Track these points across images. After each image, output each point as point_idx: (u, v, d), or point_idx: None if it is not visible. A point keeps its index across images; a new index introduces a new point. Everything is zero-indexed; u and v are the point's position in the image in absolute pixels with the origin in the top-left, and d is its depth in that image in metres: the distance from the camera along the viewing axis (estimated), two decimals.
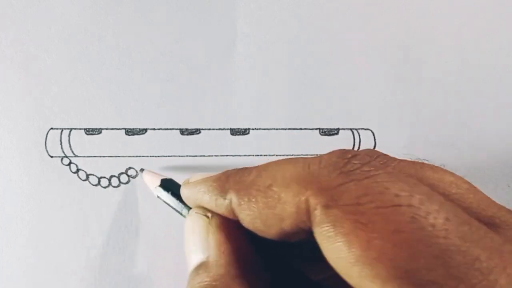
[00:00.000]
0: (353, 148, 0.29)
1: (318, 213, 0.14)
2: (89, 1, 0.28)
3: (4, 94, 0.28)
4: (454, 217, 0.13)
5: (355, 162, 0.15)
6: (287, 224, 0.16)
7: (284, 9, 0.29)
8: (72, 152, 0.28)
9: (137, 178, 0.29)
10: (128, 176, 0.28)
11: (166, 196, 0.23)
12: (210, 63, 0.29)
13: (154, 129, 0.29)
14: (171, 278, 0.29)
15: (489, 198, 0.16)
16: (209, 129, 0.29)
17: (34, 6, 0.28)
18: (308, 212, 0.15)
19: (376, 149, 0.29)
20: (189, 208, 0.21)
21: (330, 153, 0.16)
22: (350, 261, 0.13)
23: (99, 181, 0.28)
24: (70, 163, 0.28)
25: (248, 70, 0.29)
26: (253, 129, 0.29)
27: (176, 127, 0.29)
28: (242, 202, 0.17)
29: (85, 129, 0.28)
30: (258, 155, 0.29)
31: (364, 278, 0.13)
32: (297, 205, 0.15)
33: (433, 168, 0.16)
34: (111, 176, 0.28)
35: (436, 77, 0.30)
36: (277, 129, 0.29)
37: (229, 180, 0.18)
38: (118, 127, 0.28)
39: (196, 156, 0.29)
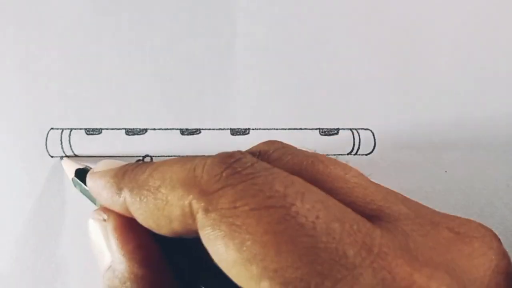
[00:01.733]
0: (353, 148, 0.29)
1: (200, 217, 0.15)
2: (89, 1, 0.28)
3: (4, 94, 0.28)
4: (327, 215, 0.14)
5: (236, 166, 0.15)
6: (176, 226, 0.16)
7: (284, 9, 0.29)
8: (72, 152, 0.28)
9: None
10: None
11: (80, 187, 0.23)
12: (210, 62, 0.29)
13: (154, 129, 0.29)
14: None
15: (381, 190, 0.17)
16: (209, 129, 0.29)
17: (34, 6, 0.28)
18: (192, 216, 0.15)
19: (375, 149, 0.29)
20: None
21: (214, 156, 0.17)
22: (229, 263, 0.14)
23: None
24: None
25: (248, 70, 0.29)
26: (253, 129, 0.29)
27: (176, 127, 0.29)
28: (135, 202, 0.17)
29: (85, 129, 0.28)
30: None
31: (243, 279, 0.14)
32: (182, 208, 0.15)
33: (324, 161, 0.17)
34: None
35: (436, 77, 0.30)
36: (277, 129, 0.29)
37: (125, 177, 0.18)
38: (118, 127, 0.28)
39: (196, 156, 0.29)
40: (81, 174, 0.23)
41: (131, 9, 0.28)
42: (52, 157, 0.28)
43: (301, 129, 0.29)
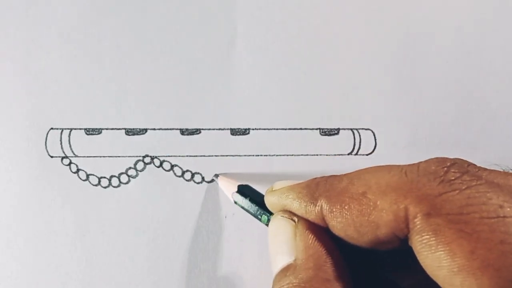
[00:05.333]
0: (353, 148, 0.29)
1: (418, 222, 0.14)
2: (89, 1, 0.28)
3: (4, 94, 0.28)
4: None
5: (454, 171, 0.15)
6: (382, 232, 0.16)
7: (284, 9, 0.29)
8: (72, 152, 0.28)
9: (136, 178, 0.29)
10: (128, 176, 0.28)
11: (244, 202, 0.25)
12: (210, 63, 0.29)
13: (154, 129, 0.29)
14: (172, 278, 0.29)
15: None
16: (209, 129, 0.29)
17: (34, 6, 0.28)
18: (406, 220, 0.15)
19: (376, 149, 0.29)
20: (269, 213, 0.22)
21: (427, 161, 0.16)
22: (453, 270, 0.13)
23: (99, 181, 0.28)
24: (70, 163, 0.28)
25: (248, 70, 0.29)
26: (253, 129, 0.29)
27: (176, 127, 0.29)
28: (334, 209, 0.17)
29: (85, 129, 0.28)
30: (258, 155, 0.29)
31: None
32: (395, 212, 0.15)
33: None
34: (111, 176, 0.28)
35: (436, 77, 0.30)
36: (277, 129, 0.29)
37: (319, 187, 0.18)
38: (118, 127, 0.28)
39: (196, 156, 0.29)
40: (244, 190, 0.26)
41: (131, 9, 0.28)
42: (52, 157, 0.28)
43: (301, 129, 0.29)
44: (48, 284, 0.28)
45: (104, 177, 0.28)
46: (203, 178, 0.29)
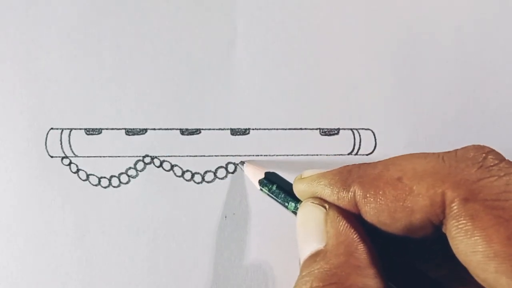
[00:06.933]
0: (353, 148, 0.29)
1: (455, 206, 0.14)
2: (89, 1, 0.28)
3: (4, 94, 0.28)
4: None
5: (492, 157, 0.15)
6: (417, 218, 0.16)
7: (284, 9, 0.29)
8: (72, 152, 0.28)
9: (137, 176, 0.29)
10: (129, 176, 0.28)
11: (271, 189, 0.25)
12: (210, 63, 0.29)
13: (154, 129, 0.29)
14: (172, 277, 0.29)
15: None
16: (209, 129, 0.29)
17: (34, 6, 0.28)
18: (443, 205, 0.15)
19: (376, 149, 0.29)
20: (296, 201, 0.22)
21: (464, 147, 0.16)
22: (488, 256, 0.13)
23: (99, 181, 0.28)
24: (70, 163, 0.28)
25: (248, 70, 0.29)
26: (253, 129, 0.29)
27: (176, 127, 0.29)
28: (368, 195, 0.17)
29: (85, 129, 0.28)
30: (258, 155, 0.29)
31: (502, 274, 0.13)
32: (432, 197, 0.15)
33: None
34: (111, 176, 0.28)
35: (436, 77, 0.30)
36: (277, 129, 0.29)
37: (352, 173, 0.18)
38: (118, 127, 0.28)
39: (196, 156, 0.29)
40: (270, 177, 0.25)
41: (131, 9, 0.28)
42: (52, 157, 0.28)
43: (301, 129, 0.29)
44: (48, 284, 0.28)
45: (104, 177, 0.28)
46: (203, 178, 0.29)
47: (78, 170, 0.28)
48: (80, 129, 0.28)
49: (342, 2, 0.29)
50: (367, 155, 0.29)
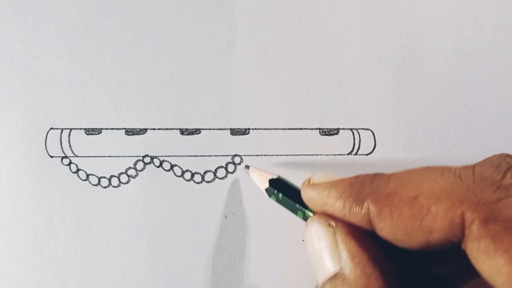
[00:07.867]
0: (353, 148, 0.29)
1: (475, 228, 0.14)
2: (89, 1, 0.28)
3: (4, 94, 0.28)
4: None
5: (510, 175, 0.15)
6: (435, 237, 0.15)
7: (284, 9, 0.29)
8: (72, 152, 0.28)
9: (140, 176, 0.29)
10: (128, 176, 0.28)
11: (278, 196, 0.23)
12: (210, 63, 0.29)
13: (154, 129, 0.29)
14: (172, 277, 0.29)
15: None
16: (209, 129, 0.29)
17: (34, 6, 0.28)
18: (462, 226, 0.15)
19: (376, 149, 0.29)
20: (304, 207, 0.21)
21: (481, 164, 0.16)
22: (510, 277, 0.13)
23: (99, 181, 0.28)
24: (70, 163, 0.28)
25: (248, 70, 0.29)
26: (253, 129, 0.29)
27: (176, 127, 0.29)
28: (383, 212, 0.16)
29: (85, 129, 0.28)
30: (258, 155, 0.29)
31: None
32: (451, 218, 0.15)
33: None
34: (111, 176, 0.28)
35: (436, 77, 0.30)
36: (277, 129, 0.29)
37: (364, 187, 0.17)
38: (118, 127, 0.28)
39: (196, 156, 0.29)
40: (276, 184, 0.24)
41: (131, 9, 0.28)
42: (52, 157, 0.28)
43: (301, 129, 0.29)
44: (48, 284, 0.28)
45: (104, 177, 0.28)
46: (203, 178, 0.29)
47: (78, 170, 0.28)
48: (80, 129, 0.28)
49: (342, 3, 0.29)
50: (366, 155, 0.29)
